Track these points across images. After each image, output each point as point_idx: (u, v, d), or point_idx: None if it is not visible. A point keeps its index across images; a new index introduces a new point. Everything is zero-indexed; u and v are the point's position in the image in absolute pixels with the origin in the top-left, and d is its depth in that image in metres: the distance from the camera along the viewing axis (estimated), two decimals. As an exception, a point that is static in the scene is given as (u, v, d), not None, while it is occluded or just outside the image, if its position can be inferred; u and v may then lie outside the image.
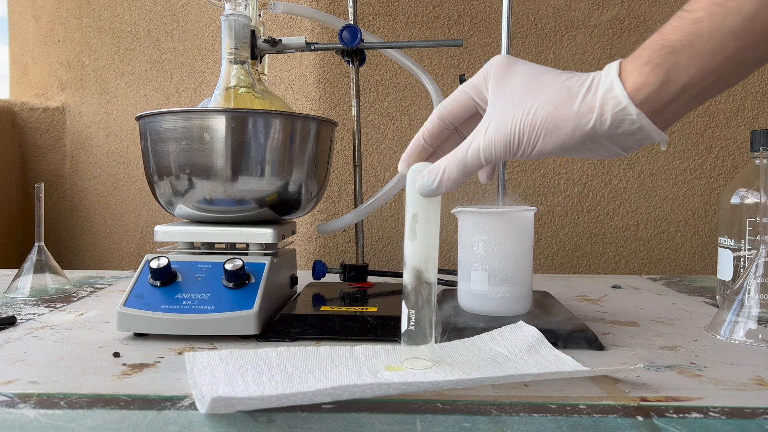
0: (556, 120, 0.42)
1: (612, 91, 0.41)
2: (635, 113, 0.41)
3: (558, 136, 0.43)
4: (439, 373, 0.46)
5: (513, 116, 0.43)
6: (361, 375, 0.45)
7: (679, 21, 0.40)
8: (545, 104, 0.42)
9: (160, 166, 0.65)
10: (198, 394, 0.41)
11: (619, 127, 0.41)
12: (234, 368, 0.46)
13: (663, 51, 0.40)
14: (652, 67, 0.40)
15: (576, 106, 0.42)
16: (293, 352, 0.49)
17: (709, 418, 0.40)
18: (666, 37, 0.40)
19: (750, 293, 0.59)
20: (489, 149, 0.44)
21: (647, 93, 0.40)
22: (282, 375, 0.45)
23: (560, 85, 0.43)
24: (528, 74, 0.44)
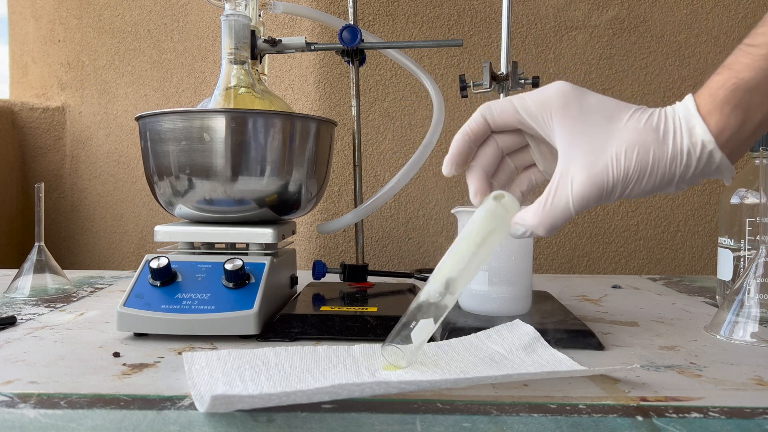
0: (648, 167, 0.40)
1: (698, 135, 0.40)
2: (719, 157, 0.40)
3: (648, 183, 0.41)
4: (437, 372, 0.46)
5: (603, 164, 0.40)
6: (360, 374, 0.46)
7: (749, 58, 0.39)
8: (635, 147, 0.40)
9: (160, 166, 0.65)
10: (197, 394, 0.41)
11: (702, 170, 0.41)
12: (232, 368, 0.46)
13: (740, 91, 0.39)
14: (732, 108, 0.39)
15: (668, 151, 0.40)
16: (291, 352, 0.49)
17: (708, 418, 0.40)
18: (739, 75, 0.39)
19: (750, 293, 0.59)
20: (580, 202, 0.41)
21: (728, 135, 0.39)
22: (280, 375, 0.45)
23: (644, 126, 0.41)
24: (605, 111, 0.42)
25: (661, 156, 0.40)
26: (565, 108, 0.42)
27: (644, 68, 1.16)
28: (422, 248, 1.16)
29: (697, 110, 0.40)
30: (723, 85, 0.39)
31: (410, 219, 1.16)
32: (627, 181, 0.41)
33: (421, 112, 1.15)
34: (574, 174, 0.41)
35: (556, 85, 0.43)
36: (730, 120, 0.39)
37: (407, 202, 1.16)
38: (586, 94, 0.43)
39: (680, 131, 0.40)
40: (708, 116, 0.40)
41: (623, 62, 1.16)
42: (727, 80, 0.39)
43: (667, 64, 1.16)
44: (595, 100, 0.42)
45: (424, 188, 1.15)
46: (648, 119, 0.41)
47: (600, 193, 0.41)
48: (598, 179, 0.41)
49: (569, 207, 0.42)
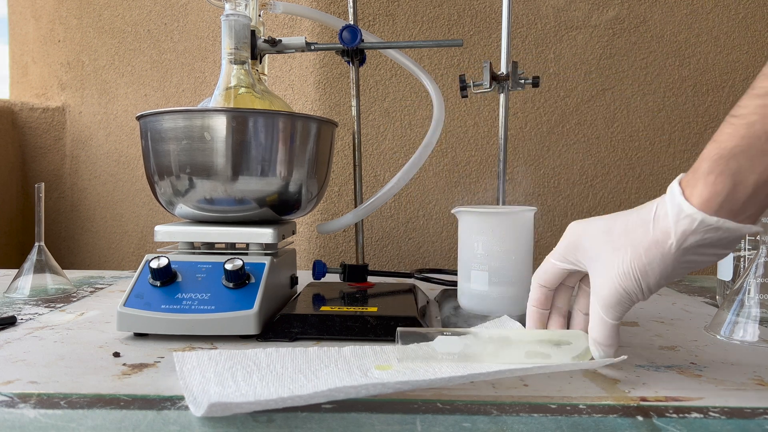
0: (642, 259, 0.44)
1: (682, 211, 0.42)
2: (714, 221, 0.41)
3: (653, 272, 0.44)
4: (430, 370, 0.46)
5: (609, 277, 0.45)
6: (352, 374, 0.46)
7: (732, 127, 0.41)
8: (627, 249, 0.44)
9: (160, 165, 0.65)
10: (189, 396, 0.41)
11: (706, 237, 0.42)
12: (224, 368, 0.45)
13: (723, 159, 0.41)
14: (716, 176, 0.41)
15: (653, 236, 0.43)
16: (282, 352, 0.49)
17: (708, 418, 0.40)
18: (722, 145, 0.41)
19: (750, 293, 0.59)
20: (608, 310, 0.46)
21: (720, 200, 0.41)
22: (272, 375, 0.45)
23: (633, 226, 0.45)
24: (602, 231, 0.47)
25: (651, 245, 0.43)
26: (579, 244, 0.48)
27: (644, 68, 1.16)
28: (422, 248, 1.16)
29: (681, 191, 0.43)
30: (707, 157, 0.42)
31: (410, 219, 1.16)
32: (634, 281, 0.45)
33: (421, 112, 1.15)
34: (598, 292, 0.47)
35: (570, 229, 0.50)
36: (716, 186, 0.41)
37: (407, 202, 1.16)
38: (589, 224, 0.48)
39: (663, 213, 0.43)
40: (693, 190, 0.42)
41: (623, 62, 1.16)
42: (711, 152, 0.42)
43: (667, 64, 1.16)
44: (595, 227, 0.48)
45: (424, 188, 1.15)
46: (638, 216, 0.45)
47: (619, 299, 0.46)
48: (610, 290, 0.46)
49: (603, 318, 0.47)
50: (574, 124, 1.16)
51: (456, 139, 1.15)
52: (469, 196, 1.16)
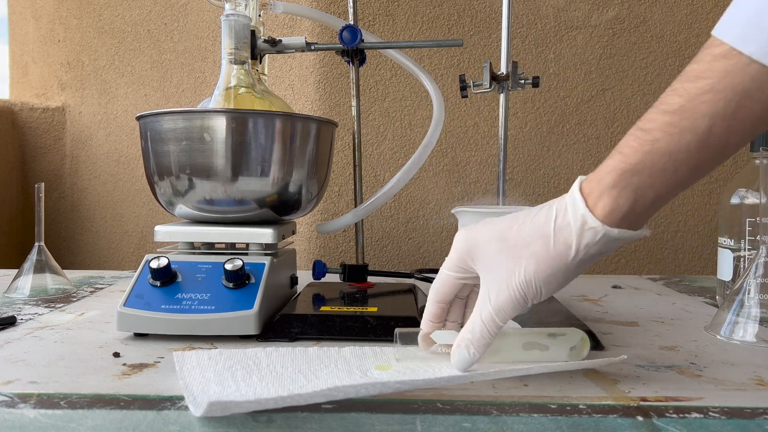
0: (546, 270, 0.43)
1: (586, 224, 0.42)
2: (616, 233, 0.42)
3: (556, 282, 0.44)
4: (429, 370, 0.46)
5: (508, 284, 0.44)
6: (351, 374, 0.46)
7: (638, 142, 0.41)
8: (528, 261, 0.43)
9: (160, 166, 0.65)
10: (189, 396, 0.41)
11: (604, 247, 0.42)
12: (223, 368, 0.45)
13: (627, 174, 0.41)
14: (619, 191, 0.41)
15: (555, 249, 0.43)
16: (282, 352, 0.49)
17: (708, 418, 0.40)
18: (627, 160, 0.41)
19: (750, 293, 0.59)
20: (501, 313, 0.45)
21: (621, 214, 0.41)
22: (272, 375, 0.45)
23: (531, 235, 0.44)
24: (494, 238, 0.46)
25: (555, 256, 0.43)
26: (469, 254, 0.47)
27: (644, 68, 1.16)
28: (422, 248, 1.16)
29: (584, 201, 0.42)
30: (612, 170, 0.41)
31: (410, 219, 1.16)
32: (535, 289, 0.44)
33: (421, 112, 1.15)
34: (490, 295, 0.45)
35: (458, 237, 0.48)
36: (618, 201, 0.41)
37: (407, 202, 1.16)
38: (478, 232, 0.47)
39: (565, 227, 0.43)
40: (597, 201, 0.42)
41: (623, 62, 1.16)
42: (617, 164, 0.41)
43: (667, 64, 1.16)
44: (486, 233, 0.46)
45: (424, 188, 1.15)
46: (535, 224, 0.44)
47: (514, 304, 0.44)
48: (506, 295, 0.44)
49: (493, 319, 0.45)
50: (574, 124, 1.16)
51: (456, 139, 1.15)
52: (469, 196, 1.16)
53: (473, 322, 0.46)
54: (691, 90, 0.39)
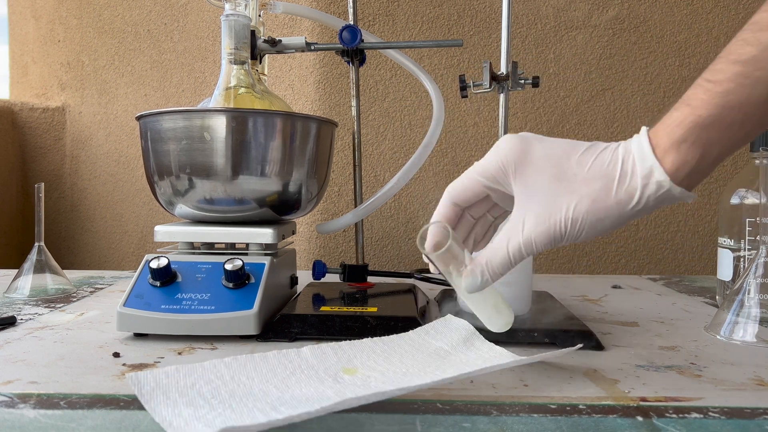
0: (598, 213, 0.41)
1: (653, 176, 0.40)
2: (678, 192, 0.40)
3: (602, 227, 0.42)
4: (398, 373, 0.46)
5: (551, 215, 0.42)
6: (322, 380, 0.44)
7: (707, 94, 0.39)
8: (583, 199, 0.41)
9: (160, 165, 0.65)
10: (163, 421, 0.37)
11: (658, 204, 0.41)
12: (186, 386, 0.43)
13: (697, 128, 0.39)
14: (689, 146, 0.39)
15: (620, 196, 0.41)
16: (242, 360, 0.47)
17: (708, 418, 0.40)
18: (697, 112, 0.39)
19: (750, 293, 0.59)
20: (530, 246, 0.43)
21: (687, 171, 0.40)
22: (241, 389, 0.43)
23: (593, 173, 0.41)
24: (552, 162, 0.42)
25: (611, 203, 0.41)
26: (515, 165, 0.43)
27: (644, 68, 1.16)
28: (422, 248, 1.15)
29: (652, 151, 0.40)
30: (681, 123, 0.40)
31: (410, 219, 1.16)
32: (577, 230, 0.42)
33: (421, 112, 1.15)
34: (525, 223, 0.43)
35: (505, 145, 0.44)
36: (687, 157, 0.40)
37: (407, 202, 1.16)
38: (532, 147, 0.43)
39: (631, 173, 0.41)
40: (665, 155, 0.40)
41: (623, 62, 1.16)
42: (686, 117, 0.40)
43: (667, 64, 1.16)
44: (541, 151, 0.43)
45: (424, 188, 1.15)
46: (596, 162, 0.42)
47: (548, 239, 0.42)
48: (545, 227, 0.42)
49: (520, 249, 0.43)
50: (574, 124, 1.16)
51: (456, 139, 1.15)
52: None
53: (496, 249, 0.43)
54: (763, 39, 0.38)
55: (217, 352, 0.54)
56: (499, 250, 0.43)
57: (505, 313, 0.49)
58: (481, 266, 0.44)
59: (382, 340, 0.53)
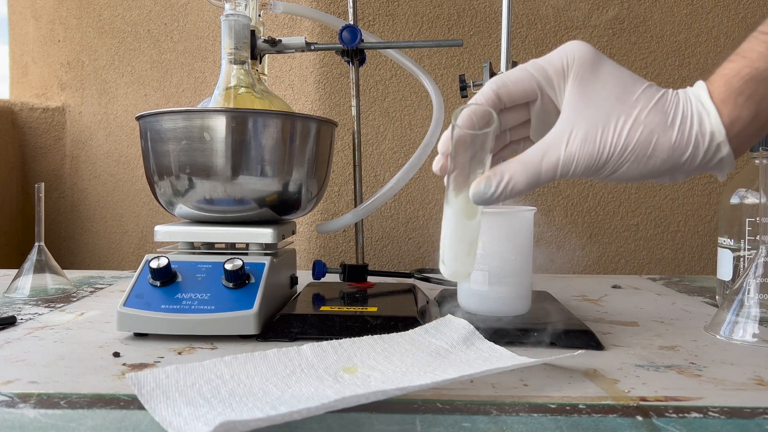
0: (651, 148, 0.38)
1: (708, 125, 0.38)
2: (726, 151, 0.38)
3: (646, 165, 0.39)
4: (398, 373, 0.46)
5: (602, 133, 0.39)
6: (322, 379, 0.44)
7: (765, 46, 0.37)
8: (641, 126, 0.38)
9: (160, 165, 0.65)
10: (164, 422, 0.37)
11: (705, 163, 0.39)
12: (186, 386, 0.43)
13: (754, 82, 0.37)
14: (746, 99, 0.37)
15: (674, 137, 0.38)
16: (241, 360, 0.47)
17: (708, 417, 0.40)
18: (754, 64, 0.37)
19: (750, 293, 0.59)
20: (569, 164, 0.39)
21: (739, 128, 0.38)
22: (241, 388, 0.43)
23: (654, 105, 0.39)
24: (618, 82, 0.40)
25: (666, 141, 0.38)
26: (581, 72, 0.40)
27: (644, 68, 1.16)
28: (422, 248, 1.15)
29: (710, 98, 0.38)
30: (738, 74, 0.37)
31: (410, 219, 1.16)
32: (623, 159, 0.39)
33: (421, 112, 1.15)
34: (572, 137, 0.39)
35: (574, 48, 0.41)
36: (743, 112, 0.37)
37: (407, 202, 1.16)
38: (602, 60, 0.40)
39: (690, 118, 0.38)
40: (722, 105, 0.38)
41: (623, 62, 1.15)
42: (742, 69, 0.37)
43: (667, 64, 1.16)
44: (609, 68, 0.40)
45: (424, 188, 1.15)
46: (659, 99, 0.39)
47: (591, 161, 0.39)
48: (593, 146, 0.39)
49: (557, 166, 0.39)
50: (574, 124, 1.16)
51: (456, 139, 1.15)
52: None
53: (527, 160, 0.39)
54: None
55: (217, 352, 0.54)
56: (530, 163, 0.40)
57: (470, 261, 0.45)
58: (502, 174, 0.40)
59: (383, 338, 0.53)
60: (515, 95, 0.42)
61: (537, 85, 0.41)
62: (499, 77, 0.42)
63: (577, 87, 0.40)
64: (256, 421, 0.35)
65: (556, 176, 0.40)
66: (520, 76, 0.41)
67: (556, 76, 0.41)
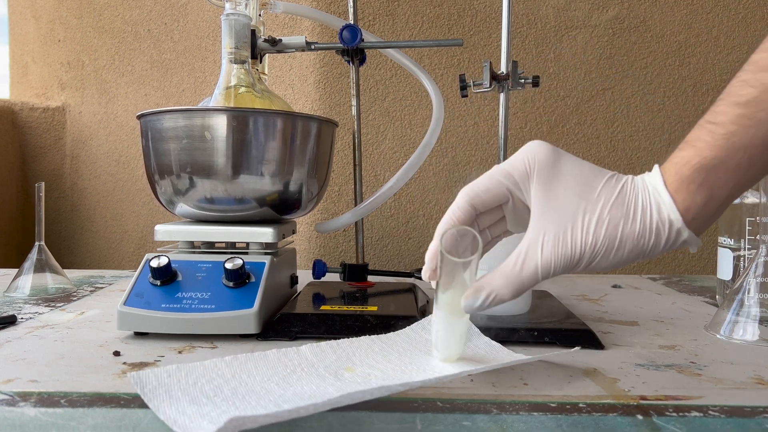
0: (617, 241, 0.41)
1: (668, 213, 0.40)
2: (686, 234, 0.40)
3: (615, 257, 0.41)
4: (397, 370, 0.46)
5: (572, 233, 0.41)
6: (323, 378, 0.44)
7: (710, 136, 0.39)
8: (606, 222, 0.41)
9: (161, 164, 0.65)
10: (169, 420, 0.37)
11: (672, 245, 0.41)
12: (188, 384, 0.43)
13: (704, 170, 0.39)
14: (697, 187, 0.39)
15: (637, 228, 0.40)
16: (242, 359, 0.47)
17: (708, 417, 0.40)
18: (702, 153, 0.39)
19: (750, 292, 0.59)
20: (547, 269, 0.41)
21: (694, 213, 0.40)
22: (243, 387, 0.43)
23: (616, 199, 0.41)
24: (579, 179, 0.42)
25: (630, 233, 0.41)
26: (543, 173, 0.43)
27: (644, 68, 1.16)
28: (422, 248, 1.15)
29: (665, 186, 0.40)
30: (687, 162, 0.40)
31: (410, 219, 1.16)
32: (594, 253, 0.41)
33: (421, 112, 1.15)
34: (544, 242, 0.42)
35: (534, 149, 0.43)
36: (696, 198, 0.40)
37: (407, 202, 1.16)
38: (560, 157, 0.43)
39: (649, 208, 0.41)
40: (676, 194, 0.40)
41: (623, 62, 1.16)
42: (692, 158, 0.39)
43: (667, 64, 1.16)
44: (570, 166, 0.43)
45: (424, 188, 1.15)
46: (620, 192, 0.41)
47: (567, 262, 0.41)
48: (566, 248, 0.41)
49: (537, 273, 0.42)
50: (574, 124, 1.16)
51: (456, 139, 1.15)
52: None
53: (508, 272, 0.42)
54: (763, 80, 0.37)
55: (218, 351, 0.54)
56: (511, 275, 0.42)
57: (461, 347, 0.48)
58: (488, 290, 0.43)
59: (380, 338, 0.53)
60: (488, 202, 0.44)
61: (507, 190, 0.44)
62: (470, 188, 0.44)
63: (540, 190, 0.42)
64: (264, 417, 0.35)
65: (538, 281, 0.42)
66: (489, 185, 0.44)
67: (521, 179, 0.43)
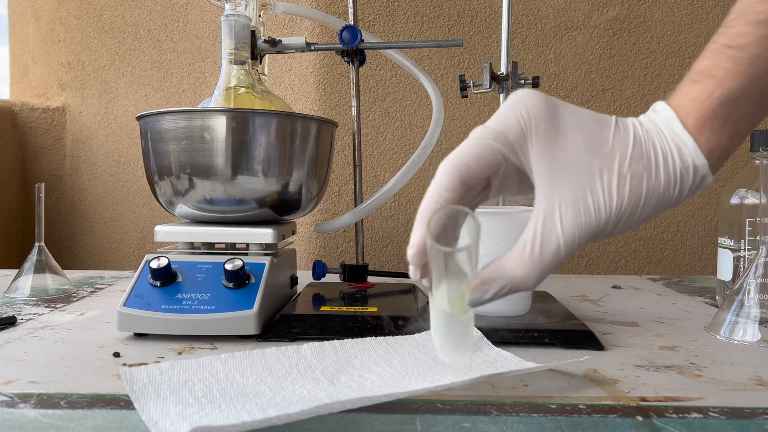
0: (643, 199, 0.35)
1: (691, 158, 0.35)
2: (710, 180, 0.36)
3: (640, 216, 0.36)
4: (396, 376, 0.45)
5: (593, 198, 0.35)
6: (317, 381, 0.44)
7: (732, 62, 0.34)
8: (626, 179, 0.35)
9: (160, 165, 0.65)
10: (150, 421, 0.37)
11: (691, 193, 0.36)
12: (178, 383, 0.42)
13: (728, 103, 0.34)
14: (721, 123, 0.35)
15: (662, 180, 0.35)
16: (238, 358, 0.46)
17: (708, 418, 0.40)
18: (725, 84, 0.34)
19: (750, 293, 0.59)
20: (571, 243, 0.35)
21: (719, 153, 0.35)
22: (234, 388, 0.42)
23: (633, 151, 0.35)
24: (584, 131, 0.35)
25: (655, 187, 0.35)
26: (542, 130, 0.36)
27: (644, 68, 1.16)
28: (422, 248, 1.15)
29: (683, 127, 0.35)
30: (710, 96, 0.35)
31: (410, 219, 1.16)
32: (619, 217, 0.35)
33: (421, 112, 1.15)
34: (563, 213, 0.35)
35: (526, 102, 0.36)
36: (721, 137, 0.35)
37: (407, 202, 1.16)
38: (559, 110, 0.36)
39: (671, 155, 0.35)
40: (698, 134, 0.35)
41: (623, 62, 1.16)
42: (713, 90, 0.35)
43: (667, 64, 1.16)
44: (570, 116, 0.36)
45: (424, 188, 1.15)
46: (635, 142, 0.36)
47: (592, 233, 0.35)
48: (589, 218, 0.35)
49: (559, 250, 0.36)
50: (574, 124, 1.16)
51: (456, 139, 1.15)
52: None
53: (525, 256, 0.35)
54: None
55: (217, 352, 0.54)
56: (531, 257, 0.36)
57: (468, 347, 0.43)
58: (502, 278, 0.37)
59: (386, 340, 0.53)
60: (480, 173, 0.37)
61: (501, 156, 0.37)
62: (457, 159, 0.37)
63: (544, 151, 0.36)
64: (231, 427, 0.34)
65: (561, 261, 0.36)
66: (480, 152, 0.36)
67: (517, 140, 0.36)
